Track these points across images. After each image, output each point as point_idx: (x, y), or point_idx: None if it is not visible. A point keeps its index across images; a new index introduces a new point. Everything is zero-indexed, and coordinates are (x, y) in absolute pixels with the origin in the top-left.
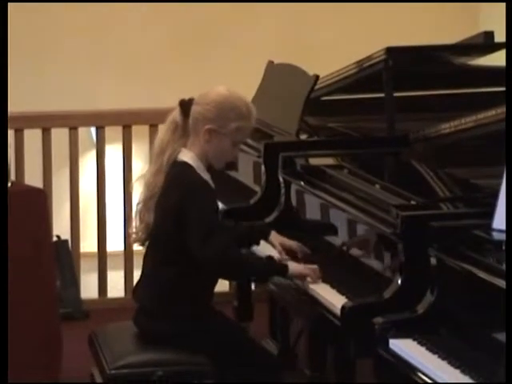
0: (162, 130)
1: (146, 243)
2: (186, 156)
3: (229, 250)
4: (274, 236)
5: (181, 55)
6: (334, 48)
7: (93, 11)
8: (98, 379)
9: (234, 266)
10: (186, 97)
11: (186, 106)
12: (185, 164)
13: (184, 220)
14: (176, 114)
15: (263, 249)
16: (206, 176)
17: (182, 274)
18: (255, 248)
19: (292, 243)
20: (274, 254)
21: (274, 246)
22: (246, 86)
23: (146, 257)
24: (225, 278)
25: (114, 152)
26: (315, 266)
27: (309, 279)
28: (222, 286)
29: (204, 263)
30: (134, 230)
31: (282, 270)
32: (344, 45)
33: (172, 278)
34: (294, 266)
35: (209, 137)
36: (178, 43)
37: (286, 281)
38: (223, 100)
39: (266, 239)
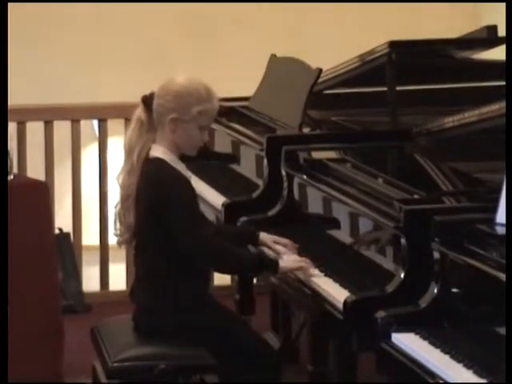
0: (129, 128)
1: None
2: (157, 151)
3: (214, 241)
4: (264, 237)
5: (183, 48)
6: (335, 43)
7: (96, 3)
8: (100, 372)
9: (221, 257)
10: None
11: (147, 101)
12: (157, 159)
13: (166, 216)
14: (140, 111)
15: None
16: (180, 167)
17: (173, 269)
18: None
19: (284, 241)
20: (270, 253)
21: (268, 246)
22: (248, 79)
23: (136, 258)
24: (214, 267)
25: (116, 145)
26: (304, 258)
27: (301, 274)
28: (224, 279)
29: (191, 255)
30: (117, 232)
31: (271, 265)
32: (346, 39)
33: (165, 275)
34: (284, 263)
35: (174, 127)
36: (181, 36)
37: (287, 274)
38: (181, 88)
39: (256, 242)
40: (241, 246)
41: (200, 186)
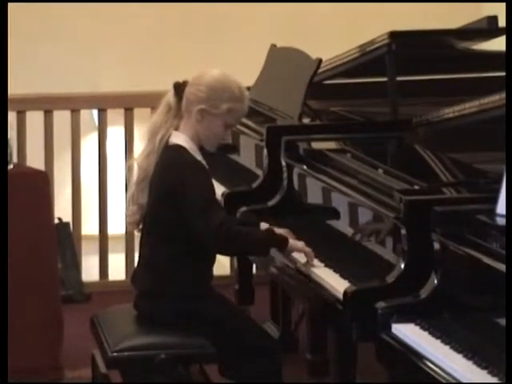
0: (156, 111)
1: (140, 227)
2: (179, 138)
3: (229, 223)
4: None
5: (184, 38)
6: (335, 33)
7: None
8: (100, 361)
9: (235, 239)
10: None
11: (179, 88)
12: (178, 146)
13: (181, 200)
14: (170, 96)
15: None
16: (199, 157)
17: (179, 254)
18: None
19: (282, 231)
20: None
21: None
22: (248, 69)
23: (141, 241)
24: (226, 252)
25: (115, 134)
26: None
27: (302, 260)
28: (223, 269)
29: (205, 238)
30: (128, 212)
31: (281, 242)
32: (346, 30)
33: (170, 260)
34: (293, 241)
35: (200, 117)
36: (181, 26)
37: (288, 264)
38: (216, 81)
39: None
40: None
41: None
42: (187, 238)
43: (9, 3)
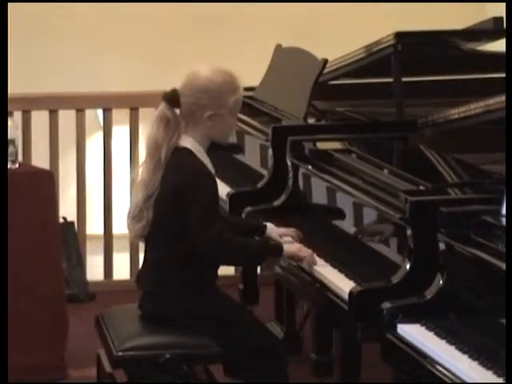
0: (153, 127)
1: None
2: (186, 141)
3: (225, 235)
4: (271, 229)
5: (188, 37)
6: (341, 34)
7: None
8: (105, 361)
9: (232, 251)
10: None
11: (171, 97)
12: (184, 150)
13: (183, 204)
14: (163, 109)
15: None
16: (206, 160)
17: (183, 255)
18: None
19: (289, 231)
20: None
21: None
22: (254, 69)
23: (147, 241)
24: (222, 262)
25: (120, 134)
26: (310, 251)
27: (304, 263)
28: (228, 269)
29: (201, 249)
30: (136, 227)
31: (276, 249)
32: (352, 30)
33: (174, 260)
34: (288, 247)
35: (211, 122)
36: (187, 26)
37: (292, 264)
38: (209, 82)
39: (262, 235)
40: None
41: None
42: (188, 242)
43: (15, 3)
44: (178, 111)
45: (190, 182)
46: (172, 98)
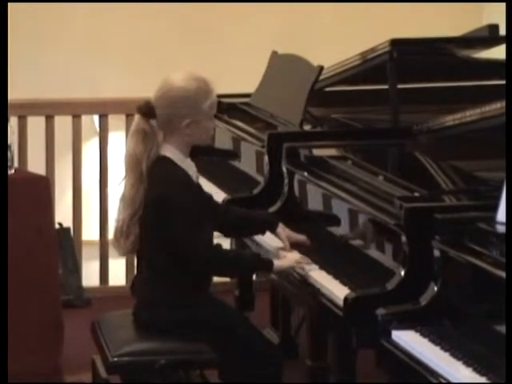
0: (131, 142)
1: None
2: (165, 149)
3: (212, 247)
4: (281, 229)
5: (185, 44)
6: (337, 41)
7: None
8: (100, 367)
9: (220, 264)
10: None
11: (146, 110)
12: (165, 159)
13: (166, 216)
14: (139, 122)
15: (270, 240)
16: (188, 165)
17: (176, 263)
18: (260, 238)
19: (299, 237)
20: (281, 246)
21: (280, 239)
22: (249, 76)
23: (139, 251)
24: (212, 274)
25: (116, 140)
26: (298, 257)
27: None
28: None
29: (190, 261)
30: (126, 244)
31: (266, 265)
32: (348, 37)
33: (167, 268)
34: (279, 262)
35: (190, 130)
36: (183, 32)
37: (288, 271)
38: (184, 91)
39: (274, 231)
40: (259, 232)
41: (201, 183)
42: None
43: (11, 8)
44: (154, 122)
45: (169, 193)
46: (147, 111)
